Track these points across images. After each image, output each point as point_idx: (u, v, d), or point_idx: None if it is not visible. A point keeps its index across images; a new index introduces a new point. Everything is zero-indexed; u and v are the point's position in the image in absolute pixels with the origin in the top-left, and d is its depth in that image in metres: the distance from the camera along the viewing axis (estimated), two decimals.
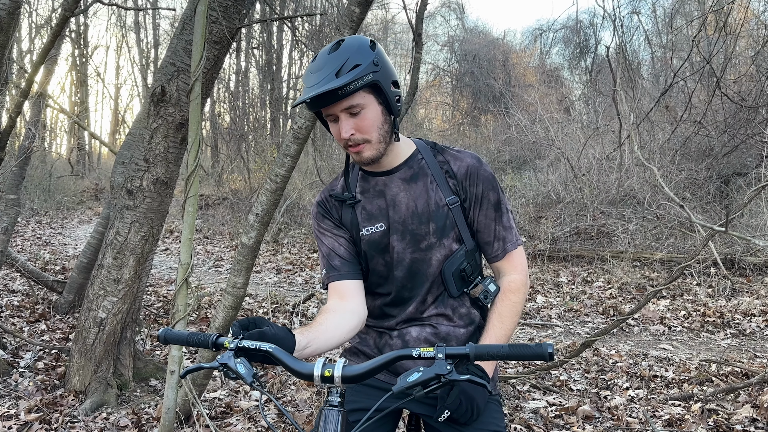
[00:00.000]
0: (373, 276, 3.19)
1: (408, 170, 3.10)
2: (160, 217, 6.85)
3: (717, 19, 16.34)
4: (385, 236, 3.10)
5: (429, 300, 3.12)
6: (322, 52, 2.88)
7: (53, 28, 7.11)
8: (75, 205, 29.63)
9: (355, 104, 2.83)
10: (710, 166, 17.82)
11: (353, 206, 3.16)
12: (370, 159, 2.96)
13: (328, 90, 2.73)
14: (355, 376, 2.32)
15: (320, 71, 2.80)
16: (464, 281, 3.12)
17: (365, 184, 3.16)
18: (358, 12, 5.21)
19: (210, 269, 15.89)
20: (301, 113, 5.42)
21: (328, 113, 2.89)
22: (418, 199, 3.06)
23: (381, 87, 2.87)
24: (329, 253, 3.19)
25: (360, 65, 2.79)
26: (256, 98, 34.83)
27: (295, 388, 7.44)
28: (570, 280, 13.99)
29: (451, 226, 3.06)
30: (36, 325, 9.37)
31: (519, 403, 7.25)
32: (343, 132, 2.88)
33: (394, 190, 3.09)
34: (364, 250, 3.14)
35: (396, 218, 3.08)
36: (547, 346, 2.21)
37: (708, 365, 8.35)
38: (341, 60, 2.79)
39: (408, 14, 9.95)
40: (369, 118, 2.89)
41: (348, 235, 3.19)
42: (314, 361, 2.37)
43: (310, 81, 2.82)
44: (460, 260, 3.09)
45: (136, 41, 43.87)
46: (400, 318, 3.14)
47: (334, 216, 3.23)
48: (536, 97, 28.21)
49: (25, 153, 10.48)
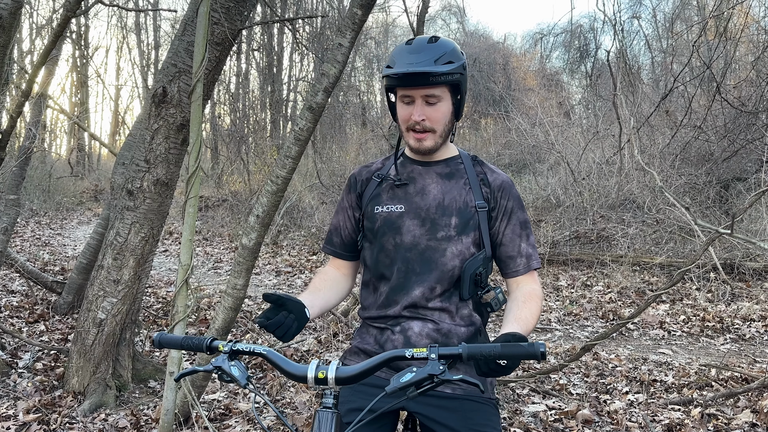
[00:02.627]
0: (382, 254, 3.27)
1: (446, 167, 3.30)
2: (160, 218, 6.84)
3: (717, 24, 16.39)
4: (401, 217, 3.22)
5: (437, 290, 3.17)
6: (420, 39, 3.06)
7: (54, 29, 7.11)
8: (74, 206, 29.64)
9: (436, 94, 3.04)
10: (710, 171, 17.81)
11: (385, 184, 3.34)
12: (428, 148, 3.19)
13: (426, 71, 2.93)
14: (349, 378, 2.36)
15: (419, 53, 2.98)
16: (477, 285, 3.19)
17: (402, 168, 3.34)
18: (360, 14, 5.21)
19: (209, 271, 15.87)
20: (302, 115, 5.41)
21: (407, 94, 3.06)
22: (448, 194, 3.21)
23: (460, 89, 3.08)
24: (336, 229, 3.50)
25: (454, 63, 3.00)
26: (256, 100, 34.88)
27: (294, 390, 7.43)
28: (569, 284, 13.98)
29: (474, 227, 3.18)
30: (35, 325, 9.36)
31: (518, 406, 7.24)
32: (416, 115, 3.06)
33: (427, 180, 3.28)
34: (379, 226, 3.26)
35: (421, 204, 3.22)
36: (539, 345, 2.26)
37: (708, 370, 8.34)
38: (440, 52, 2.99)
39: (409, 17, 9.98)
40: (442, 111, 3.10)
41: (358, 218, 3.41)
42: (308, 362, 2.39)
43: (407, 59, 2.98)
44: (478, 264, 3.17)
45: (137, 42, 44.04)
46: (405, 303, 3.18)
47: (357, 191, 3.43)
48: (536, 100, 28.19)
49: (25, 153, 10.48)
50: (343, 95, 30.28)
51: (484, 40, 45.09)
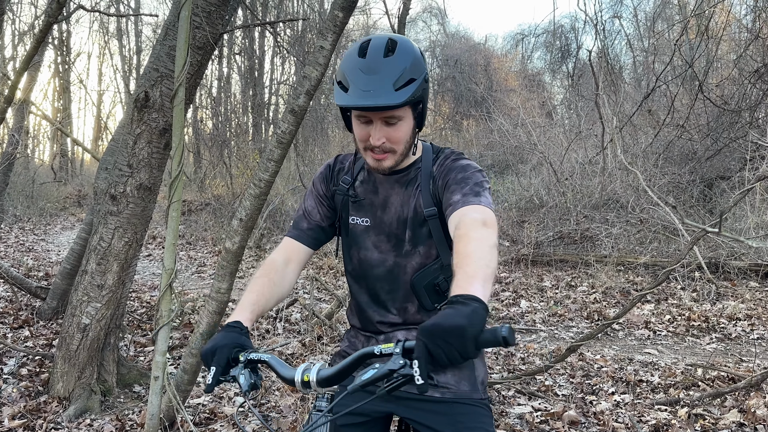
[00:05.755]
0: (350, 266, 3.21)
1: (406, 175, 3.05)
2: (143, 223, 6.83)
3: (699, 23, 16.38)
4: (366, 232, 3.10)
5: (411, 309, 3.09)
6: (375, 49, 2.76)
7: (36, 35, 7.09)
8: (58, 212, 29.58)
9: (396, 115, 2.79)
10: (693, 170, 17.88)
11: (349, 193, 3.14)
12: (388, 168, 2.94)
13: (385, 105, 2.69)
14: (328, 379, 2.36)
15: (375, 75, 2.70)
16: (439, 295, 3.04)
17: (367, 175, 3.13)
18: (341, 16, 5.21)
19: (193, 275, 15.85)
20: (284, 118, 5.41)
21: (363, 115, 2.83)
22: (404, 205, 3.02)
23: (423, 101, 2.85)
24: (304, 214, 3.25)
25: (415, 80, 2.73)
26: (238, 104, 34.90)
27: (279, 394, 7.43)
28: (554, 285, 14.00)
29: (427, 235, 3.01)
30: (19, 331, 9.33)
31: (504, 408, 7.25)
32: (375, 139, 2.82)
33: (389, 191, 3.06)
34: (350, 238, 3.16)
35: (384, 219, 3.06)
36: (501, 329, 1.98)
37: (694, 370, 8.37)
38: (398, 70, 2.71)
39: (390, 19, 9.97)
40: (403, 131, 2.85)
41: (329, 210, 3.23)
42: (294, 366, 2.42)
43: (362, 83, 2.70)
44: (434, 274, 3.03)
45: (119, 48, 43.99)
46: (382, 320, 3.13)
47: (331, 187, 3.23)
48: (518, 101, 28.23)
49: (8, 159, 10.49)
50: (325, 98, 30.21)
51: (465, 41, 45.33)
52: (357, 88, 2.70)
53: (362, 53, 2.76)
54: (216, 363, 2.50)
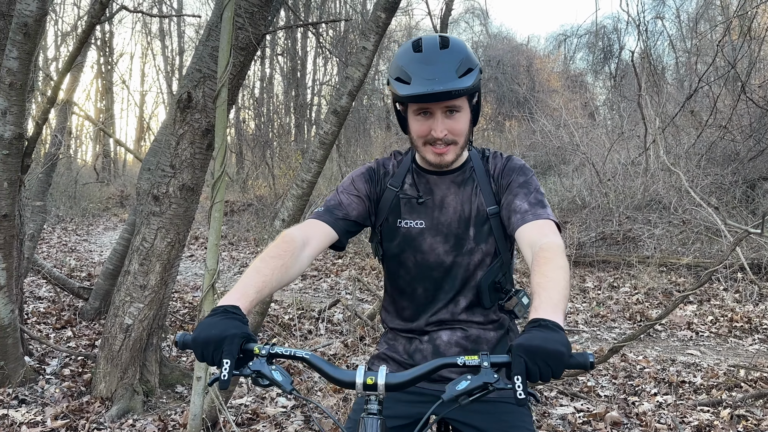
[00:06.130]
0: (402, 270, 3.12)
1: (460, 174, 3.04)
2: (186, 223, 6.84)
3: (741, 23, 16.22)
4: (421, 234, 3.04)
5: (462, 304, 3.07)
6: (429, 44, 2.77)
7: (79, 36, 7.14)
8: (100, 212, 29.77)
9: (457, 106, 2.78)
10: (736, 171, 17.74)
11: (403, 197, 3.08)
12: (449, 162, 2.92)
13: (451, 90, 2.67)
14: (399, 384, 2.30)
15: (435, 66, 2.70)
16: (498, 292, 3.06)
17: (418, 177, 3.09)
18: (384, 17, 5.20)
19: (235, 275, 15.87)
20: (327, 119, 5.41)
21: (423, 108, 2.80)
22: (465, 204, 3.01)
23: (479, 96, 2.87)
24: (340, 204, 3.05)
25: (474, 70, 2.74)
26: (280, 105, 34.99)
27: (322, 394, 7.42)
28: (596, 286, 13.93)
29: (489, 233, 3.00)
30: (62, 331, 9.39)
31: (546, 409, 7.21)
32: (437, 131, 2.80)
33: (445, 192, 3.04)
34: (399, 242, 3.08)
35: (442, 220, 3.03)
36: (589, 356, 2.14)
37: (736, 371, 8.29)
38: (457, 59, 2.73)
39: (433, 20, 9.95)
40: (463, 122, 2.85)
41: (365, 211, 3.09)
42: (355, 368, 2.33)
43: (425, 73, 2.70)
44: (495, 273, 3.04)
45: (161, 48, 44.15)
46: (431, 319, 3.10)
47: (376, 189, 3.13)
48: (560, 102, 28.19)
49: (51, 160, 10.53)
50: (367, 99, 30.28)
51: (508, 42, 45.17)
52: (421, 78, 2.70)
53: (417, 48, 2.77)
54: (229, 354, 2.23)
